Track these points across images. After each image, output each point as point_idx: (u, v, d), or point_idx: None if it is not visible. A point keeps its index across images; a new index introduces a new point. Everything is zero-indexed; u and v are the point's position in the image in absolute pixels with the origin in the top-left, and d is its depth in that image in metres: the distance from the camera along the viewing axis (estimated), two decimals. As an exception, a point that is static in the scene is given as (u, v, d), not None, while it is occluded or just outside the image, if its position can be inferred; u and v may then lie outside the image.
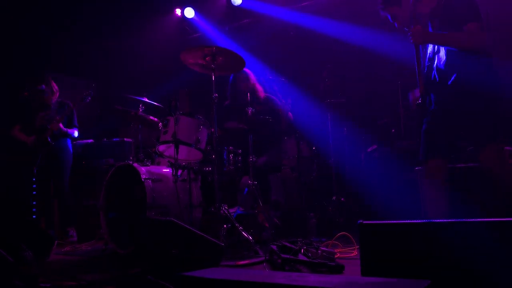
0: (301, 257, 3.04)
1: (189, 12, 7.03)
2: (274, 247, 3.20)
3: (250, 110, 4.18)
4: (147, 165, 4.15)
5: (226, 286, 1.64)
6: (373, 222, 2.05)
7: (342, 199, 5.33)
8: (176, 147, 3.93)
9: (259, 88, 4.88)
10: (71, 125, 5.28)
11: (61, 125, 5.09)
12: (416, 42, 2.96)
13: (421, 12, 3.04)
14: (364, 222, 2.05)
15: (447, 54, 2.95)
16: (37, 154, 5.15)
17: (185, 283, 1.75)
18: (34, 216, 5.78)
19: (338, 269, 2.89)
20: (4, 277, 2.31)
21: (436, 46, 3.04)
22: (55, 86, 5.36)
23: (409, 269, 1.94)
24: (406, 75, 5.28)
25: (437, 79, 3.02)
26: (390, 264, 1.99)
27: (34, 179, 5.78)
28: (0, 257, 2.33)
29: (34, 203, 5.82)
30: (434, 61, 3.05)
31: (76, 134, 5.32)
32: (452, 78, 2.92)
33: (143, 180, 3.87)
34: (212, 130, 3.99)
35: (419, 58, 3.01)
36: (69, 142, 5.32)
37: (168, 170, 4.19)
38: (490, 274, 1.83)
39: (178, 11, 7.14)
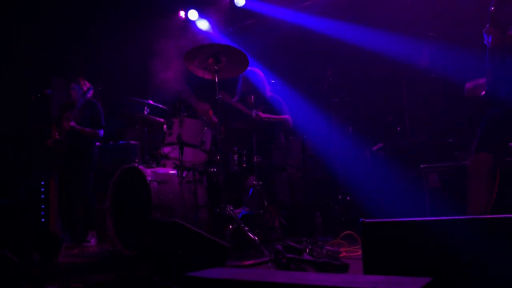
0: (306, 256, 3.05)
1: (193, 14, 7.06)
2: (280, 246, 3.20)
3: (254, 112, 4.20)
4: (152, 167, 4.18)
5: (230, 286, 1.66)
6: (375, 220, 2.06)
7: (348, 198, 5.32)
8: (181, 149, 3.96)
9: (266, 87, 4.90)
10: (95, 125, 5.17)
11: (72, 123, 4.96)
12: (491, 43, 2.82)
13: None
14: (366, 220, 2.06)
15: None
16: (53, 154, 5.15)
17: (190, 283, 1.77)
18: (43, 219, 5.84)
19: (342, 268, 2.89)
20: (11, 278, 2.34)
21: None
22: (86, 85, 5.25)
23: (412, 267, 1.95)
24: (411, 73, 5.31)
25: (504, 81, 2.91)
26: (393, 262, 2.00)
27: (42, 183, 5.83)
28: (6, 258, 2.37)
29: (43, 206, 5.87)
30: (505, 61, 2.91)
31: (101, 133, 5.21)
32: None
33: (148, 182, 3.90)
34: (218, 124, 3.97)
35: (490, 57, 2.88)
36: (91, 143, 5.20)
37: (173, 171, 4.22)
38: (492, 272, 1.83)
39: (182, 14, 7.17)
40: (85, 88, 5.25)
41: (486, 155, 2.97)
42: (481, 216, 1.99)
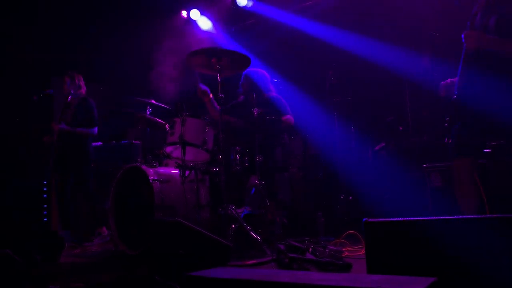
0: (308, 256, 3.05)
1: (195, 14, 7.06)
2: (282, 246, 3.21)
3: (256, 110, 4.19)
4: (154, 167, 4.18)
5: (233, 285, 1.65)
6: (378, 220, 2.05)
7: (350, 197, 5.31)
8: (183, 149, 3.95)
9: (269, 88, 4.89)
10: (89, 123, 5.15)
11: (62, 125, 4.95)
12: (469, 47, 2.89)
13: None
14: (369, 220, 2.05)
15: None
16: (48, 154, 5.15)
17: (192, 283, 1.76)
18: (45, 219, 5.84)
19: (345, 267, 2.89)
20: (13, 278, 2.34)
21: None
22: (80, 80, 5.21)
23: (415, 267, 1.94)
24: (412, 73, 5.30)
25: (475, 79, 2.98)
26: (396, 262, 1.99)
27: (45, 182, 5.83)
28: (9, 259, 2.37)
29: (45, 206, 5.87)
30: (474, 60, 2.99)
31: (95, 131, 5.19)
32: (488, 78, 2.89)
33: (151, 181, 3.90)
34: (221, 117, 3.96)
35: (465, 59, 2.96)
36: (84, 141, 5.17)
37: (175, 171, 4.21)
38: (496, 271, 1.82)
39: (184, 13, 7.17)
40: (78, 84, 5.20)
41: (464, 160, 3.02)
42: (485, 216, 1.98)
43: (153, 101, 4.62)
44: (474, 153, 3.02)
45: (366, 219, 2.07)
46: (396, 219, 2.05)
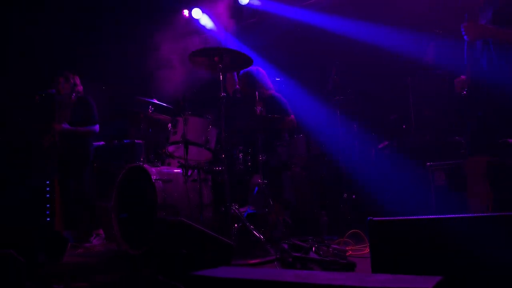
0: (312, 255, 3.03)
1: (197, 13, 7.05)
2: (285, 245, 3.19)
3: (259, 109, 4.18)
4: (157, 166, 4.17)
5: (236, 285, 1.64)
6: (382, 218, 2.04)
7: (353, 196, 5.29)
8: (186, 148, 3.94)
9: (268, 85, 4.88)
10: (89, 121, 5.13)
11: (65, 125, 4.94)
12: (469, 38, 2.93)
13: None
14: (373, 219, 2.04)
15: (495, 49, 2.92)
16: (50, 155, 5.14)
17: (195, 283, 1.75)
18: (48, 219, 5.84)
19: (349, 266, 2.87)
20: (17, 279, 2.34)
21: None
22: (75, 79, 5.19)
23: (420, 265, 1.93)
24: (416, 70, 5.28)
25: (485, 74, 2.98)
26: (401, 261, 1.98)
27: (47, 182, 5.83)
28: (12, 259, 2.36)
29: (48, 205, 5.87)
30: (484, 55, 3.00)
31: (96, 129, 5.17)
32: (498, 75, 2.90)
33: (153, 181, 3.89)
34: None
35: (469, 51, 2.99)
36: (86, 141, 5.17)
37: (178, 170, 4.20)
38: (502, 269, 1.81)
39: (185, 12, 7.16)
40: (73, 82, 5.18)
41: (480, 158, 3.00)
42: (489, 214, 1.97)
43: (155, 100, 4.62)
44: (489, 151, 2.97)
45: (371, 218, 2.06)
46: (400, 218, 2.04)
